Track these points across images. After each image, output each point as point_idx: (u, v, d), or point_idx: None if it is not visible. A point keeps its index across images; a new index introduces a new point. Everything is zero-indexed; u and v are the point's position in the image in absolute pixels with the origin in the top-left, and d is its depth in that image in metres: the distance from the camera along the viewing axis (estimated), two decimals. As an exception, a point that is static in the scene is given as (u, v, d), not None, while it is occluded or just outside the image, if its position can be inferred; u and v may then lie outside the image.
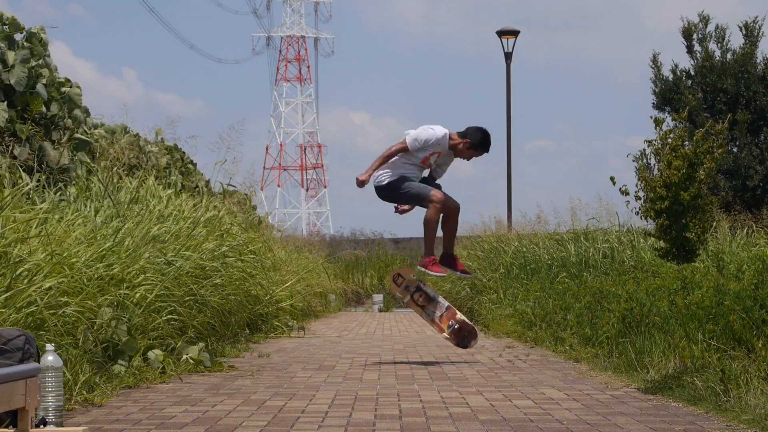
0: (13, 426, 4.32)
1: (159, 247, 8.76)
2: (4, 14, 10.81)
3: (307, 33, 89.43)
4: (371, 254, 31.77)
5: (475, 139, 8.70)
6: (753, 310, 6.22)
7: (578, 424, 5.19)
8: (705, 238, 8.67)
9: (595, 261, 13.18)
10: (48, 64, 11.08)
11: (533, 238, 16.06)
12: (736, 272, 7.32)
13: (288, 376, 7.86)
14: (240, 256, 11.35)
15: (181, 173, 15.09)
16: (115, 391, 6.63)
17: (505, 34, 22.32)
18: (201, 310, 9.13)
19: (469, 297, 16.87)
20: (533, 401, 6.15)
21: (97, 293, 7.06)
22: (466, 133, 8.71)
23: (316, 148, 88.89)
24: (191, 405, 6.06)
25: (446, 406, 5.94)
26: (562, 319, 10.39)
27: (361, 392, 6.69)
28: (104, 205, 9.35)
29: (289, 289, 14.50)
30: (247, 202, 16.36)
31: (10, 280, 6.04)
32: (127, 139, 13.49)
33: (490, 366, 8.53)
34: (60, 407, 4.97)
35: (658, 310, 7.65)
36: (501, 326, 12.82)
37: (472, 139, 8.69)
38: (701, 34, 22.14)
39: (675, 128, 9.22)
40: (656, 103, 22.42)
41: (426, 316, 9.16)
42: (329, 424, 5.26)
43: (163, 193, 10.85)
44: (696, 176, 8.47)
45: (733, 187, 20.79)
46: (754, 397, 5.35)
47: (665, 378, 6.58)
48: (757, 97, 21.41)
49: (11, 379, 4.11)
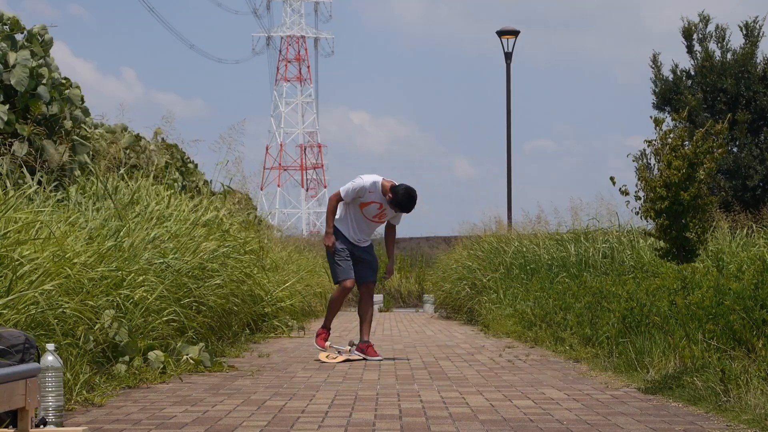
0: (13, 426, 4.32)
1: (159, 248, 8.76)
2: (5, 14, 10.81)
3: (307, 33, 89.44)
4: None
5: (396, 197, 9.02)
6: (753, 310, 6.22)
7: (578, 424, 5.20)
8: (705, 238, 8.66)
9: (595, 261, 13.18)
10: (48, 64, 11.08)
11: (533, 238, 16.06)
12: (736, 272, 7.31)
13: (288, 376, 7.86)
14: (240, 255, 11.34)
15: (181, 173, 15.09)
16: (115, 391, 6.63)
17: (505, 34, 22.33)
18: (201, 311, 9.13)
19: (469, 297, 16.87)
20: (533, 401, 6.15)
21: (99, 294, 7.06)
22: (395, 189, 9.04)
23: (316, 148, 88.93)
24: (191, 405, 6.06)
25: (446, 406, 5.94)
26: (562, 319, 10.39)
27: (361, 392, 6.69)
28: (104, 206, 9.35)
29: (289, 289, 14.50)
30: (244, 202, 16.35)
31: (11, 281, 6.04)
32: (127, 139, 13.49)
33: (490, 366, 8.53)
34: (60, 407, 4.97)
35: (658, 310, 7.65)
36: (501, 326, 12.82)
37: (395, 196, 9.02)
38: (701, 34, 22.16)
39: (675, 128, 9.22)
40: (656, 103, 22.44)
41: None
42: (329, 424, 5.26)
43: (164, 193, 10.85)
44: (696, 176, 8.47)
45: (733, 187, 20.80)
46: (754, 397, 5.35)
47: (665, 378, 6.58)
48: (757, 97, 21.42)
49: (11, 379, 4.11)
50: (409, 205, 9.06)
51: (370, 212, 9.17)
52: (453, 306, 19.12)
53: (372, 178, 9.08)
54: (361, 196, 9.08)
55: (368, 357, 9.21)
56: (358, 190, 9.05)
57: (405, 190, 9.00)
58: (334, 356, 9.18)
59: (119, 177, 11.14)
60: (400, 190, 9.01)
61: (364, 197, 9.09)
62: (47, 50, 11.17)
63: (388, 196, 9.03)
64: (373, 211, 9.16)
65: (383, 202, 9.09)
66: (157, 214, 9.77)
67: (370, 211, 9.16)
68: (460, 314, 17.98)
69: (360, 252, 9.31)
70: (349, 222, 9.22)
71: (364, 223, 9.23)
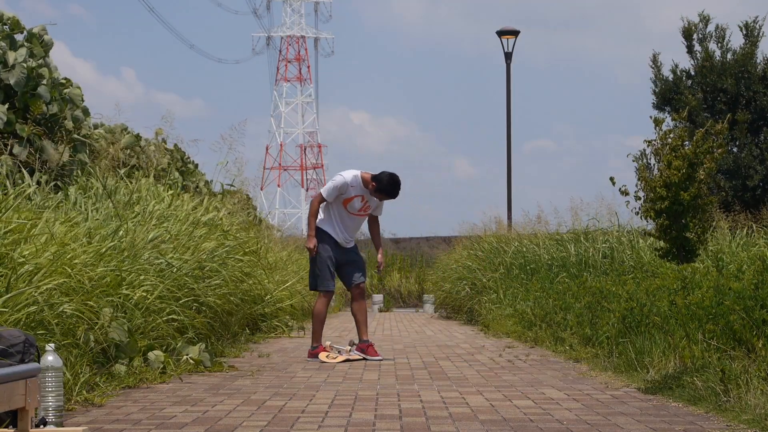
0: (13, 426, 4.32)
1: (159, 248, 8.76)
2: (5, 14, 10.81)
3: (307, 33, 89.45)
4: (371, 254, 31.78)
5: (381, 184, 9.13)
6: (753, 310, 6.22)
7: (578, 424, 5.20)
8: (705, 238, 8.66)
9: (595, 261, 13.19)
10: (48, 65, 11.08)
11: (533, 238, 16.06)
12: (736, 272, 7.32)
13: (288, 376, 7.86)
14: (241, 255, 11.34)
15: (181, 173, 15.09)
16: (115, 391, 6.63)
17: (505, 34, 22.33)
18: (201, 311, 9.13)
19: (469, 297, 16.87)
20: (533, 401, 6.15)
21: (99, 294, 7.06)
22: (376, 177, 9.14)
23: (316, 148, 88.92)
24: (191, 405, 6.06)
25: (446, 406, 5.94)
26: (562, 319, 10.39)
27: (361, 392, 6.69)
28: (104, 206, 9.35)
29: (289, 289, 14.50)
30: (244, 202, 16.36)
31: (11, 281, 6.04)
32: (127, 139, 13.49)
33: (490, 366, 8.53)
34: (60, 407, 4.97)
35: (658, 310, 7.65)
36: (501, 326, 12.82)
37: (379, 184, 9.13)
38: (701, 34, 22.15)
39: (675, 128, 9.22)
40: (656, 103, 22.43)
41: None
42: (329, 424, 5.26)
43: (164, 194, 10.85)
44: (696, 176, 8.46)
45: (733, 187, 20.80)
46: (754, 397, 5.35)
47: (665, 378, 6.58)
48: (757, 97, 21.42)
49: (11, 379, 4.11)
50: (394, 191, 9.18)
51: (354, 207, 9.23)
52: (453, 306, 19.13)
53: (351, 172, 9.19)
54: (344, 192, 9.15)
55: (368, 357, 9.21)
56: (340, 186, 9.12)
57: (388, 176, 9.12)
58: (334, 356, 9.19)
59: (119, 177, 11.14)
60: (384, 177, 9.11)
61: (346, 193, 9.16)
62: (47, 50, 11.17)
63: (372, 185, 9.13)
64: (357, 204, 9.23)
65: (365, 194, 9.18)
66: (157, 214, 9.77)
67: (354, 206, 9.23)
68: (460, 314, 17.99)
69: (347, 254, 9.35)
70: (334, 222, 9.26)
71: (349, 219, 9.27)
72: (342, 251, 9.31)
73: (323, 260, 9.24)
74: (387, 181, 9.11)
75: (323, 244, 9.24)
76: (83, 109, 11.77)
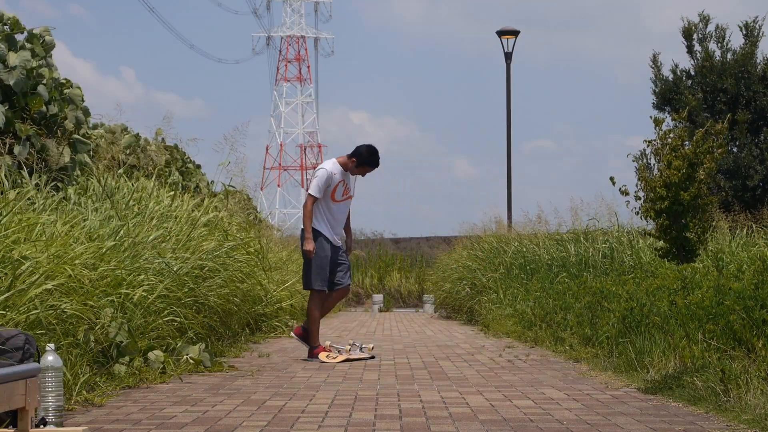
0: (13, 426, 4.32)
1: (159, 248, 8.76)
2: (5, 14, 10.80)
3: (307, 33, 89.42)
4: (371, 254, 31.80)
5: (362, 157, 9.40)
6: (753, 310, 6.22)
7: (578, 424, 5.20)
8: (705, 238, 8.66)
9: (595, 261, 13.18)
10: (49, 65, 11.07)
11: (533, 238, 16.06)
12: (736, 272, 7.32)
13: (288, 376, 7.86)
14: (241, 256, 11.34)
15: (181, 173, 15.09)
16: (115, 391, 6.63)
17: (505, 34, 22.34)
18: (201, 311, 9.13)
19: (469, 297, 16.87)
20: (533, 401, 6.15)
21: (100, 294, 7.06)
22: (355, 153, 9.42)
23: (316, 148, 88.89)
24: (191, 405, 6.06)
25: (446, 406, 5.94)
26: (562, 319, 10.39)
27: (361, 392, 6.69)
28: (104, 206, 9.35)
29: (288, 289, 14.51)
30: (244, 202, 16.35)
31: (11, 281, 6.04)
32: (127, 139, 13.49)
33: (490, 366, 8.53)
34: (60, 407, 4.97)
35: (658, 310, 7.65)
36: (501, 326, 12.82)
37: (359, 158, 9.38)
38: (701, 34, 22.15)
39: (675, 128, 9.22)
40: (656, 103, 22.42)
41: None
42: (329, 424, 5.26)
43: (165, 194, 10.85)
44: (696, 176, 8.46)
45: (733, 187, 20.79)
46: (754, 397, 5.35)
47: (665, 378, 6.58)
48: (757, 97, 21.41)
49: (11, 379, 4.11)
50: (375, 159, 9.46)
51: (339, 193, 9.38)
52: (453, 306, 19.13)
53: (329, 162, 9.45)
54: (330, 183, 9.30)
55: (299, 338, 9.41)
56: (327, 178, 9.28)
57: (366, 148, 9.44)
58: (334, 356, 9.19)
59: (118, 177, 11.14)
60: (362, 150, 9.40)
61: (331, 183, 9.31)
62: (48, 51, 11.17)
63: (352, 161, 9.36)
64: (341, 190, 9.38)
65: (345, 177, 9.39)
66: (157, 215, 9.77)
67: (339, 192, 9.37)
68: (460, 314, 17.98)
69: (340, 255, 9.44)
70: (324, 217, 9.34)
71: (336, 208, 9.37)
72: (336, 252, 9.40)
73: (321, 260, 9.29)
74: (366, 153, 9.39)
75: (321, 244, 9.29)
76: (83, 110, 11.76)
